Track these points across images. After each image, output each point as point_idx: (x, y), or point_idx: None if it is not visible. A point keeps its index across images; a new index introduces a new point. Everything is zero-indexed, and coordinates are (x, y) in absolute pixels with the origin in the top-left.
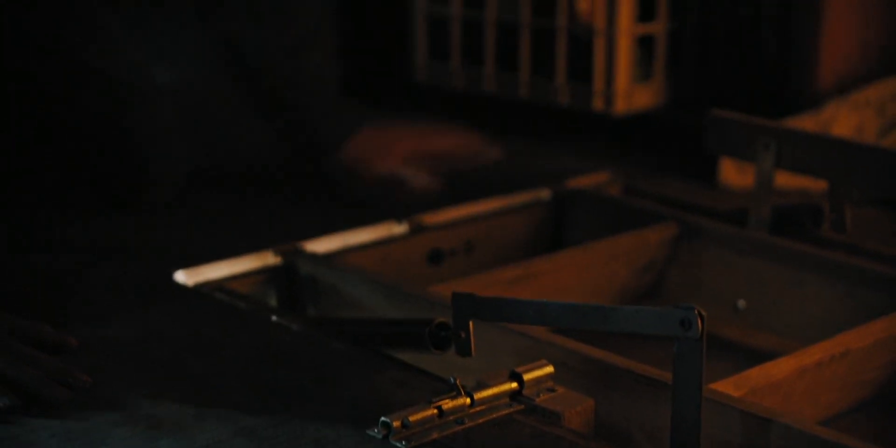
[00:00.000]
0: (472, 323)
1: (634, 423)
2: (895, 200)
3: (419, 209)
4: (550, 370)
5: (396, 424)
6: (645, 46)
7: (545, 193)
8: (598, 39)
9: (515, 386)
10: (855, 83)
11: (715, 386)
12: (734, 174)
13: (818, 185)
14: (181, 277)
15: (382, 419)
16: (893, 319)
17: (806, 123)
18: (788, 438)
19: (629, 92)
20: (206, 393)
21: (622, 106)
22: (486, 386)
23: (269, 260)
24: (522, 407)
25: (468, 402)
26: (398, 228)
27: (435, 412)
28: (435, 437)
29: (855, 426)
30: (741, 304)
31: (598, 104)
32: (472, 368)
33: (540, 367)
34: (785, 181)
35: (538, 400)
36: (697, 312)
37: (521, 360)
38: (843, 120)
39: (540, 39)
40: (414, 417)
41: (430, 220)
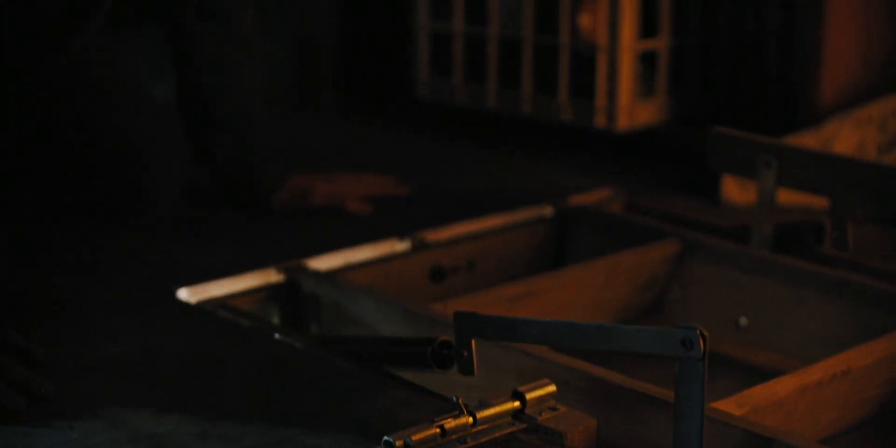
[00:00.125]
0: (474, 342)
1: (637, 442)
2: None
3: (420, 226)
4: (553, 389)
5: (399, 444)
6: (647, 63)
7: (547, 210)
8: (600, 56)
9: (518, 405)
10: (857, 100)
11: (717, 405)
12: (736, 191)
13: (820, 202)
14: (184, 295)
15: (385, 438)
16: (894, 338)
17: (808, 140)
18: None
19: (631, 108)
20: (209, 411)
21: (624, 122)
22: (488, 405)
23: (271, 277)
24: (525, 426)
25: (470, 421)
26: (400, 245)
27: (437, 431)
28: None
29: (856, 444)
30: (743, 321)
31: (600, 120)
32: (474, 387)
33: (542, 386)
34: (787, 198)
35: (540, 419)
36: (699, 332)
37: (523, 378)
38: (844, 136)
39: (542, 56)
40: (416, 437)
41: (431, 237)
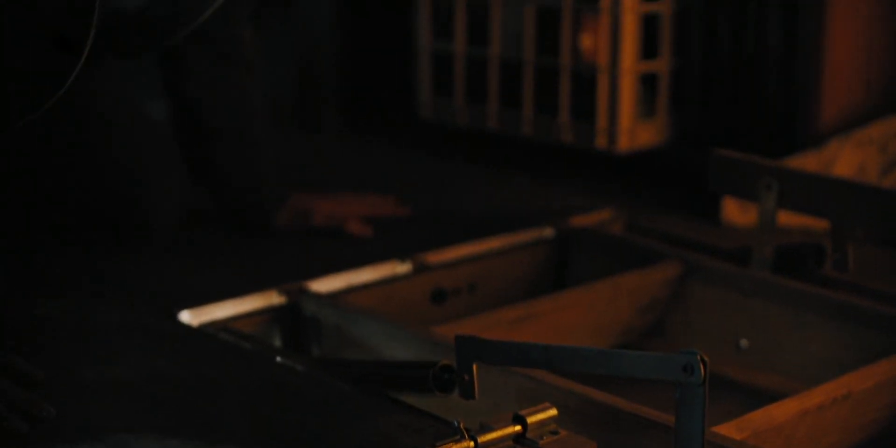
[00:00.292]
0: (475, 366)
1: None
2: None
3: (421, 247)
4: (554, 413)
5: None
6: (648, 84)
7: (548, 231)
8: (601, 77)
9: (519, 429)
10: (858, 121)
11: (717, 429)
12: (737, 212)
13: (821, 223)
14: (186, 317)
15: None
16: (895, 361)
17: (808, 161)
18: None
19: (632, 130)
20: (210, 434)
21: (625, 143)
22: (489, 429)
23: (273, 299)
24: None
25: (472, 445)
26: (401, 267)
27: None
28: None
29: None
30: (743, 343)
31: (601, 142)
32: (475, 410)
33: (543, 410)
34: (787, 219)
35: (542, 442)
36: (699, 358)
37: (524, 401)
38: (845, 158)
39: (543, 77)
40: None
41: (432, 258)
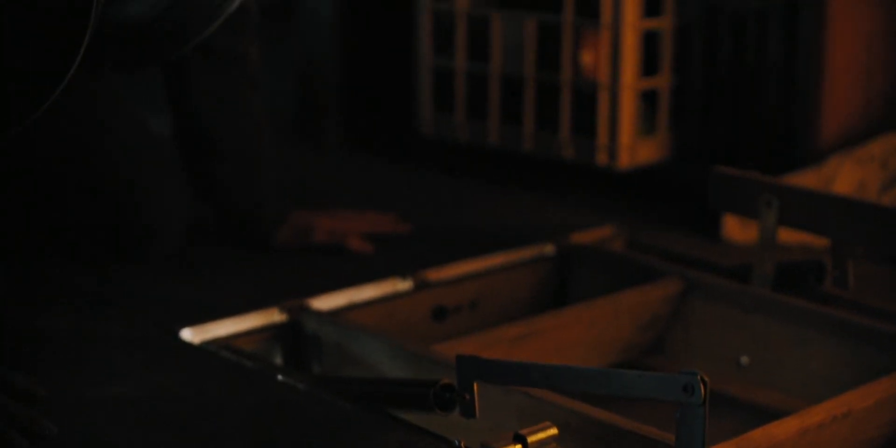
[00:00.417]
0: (476, 385)
1: None
2: None
3: (422, 263)
4: (554, 432)
5: None
6: (649, 101)
7: (549, 248)
8: (602, 94)
9: None
10: (858, 138)
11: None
12: (737, 229)
13: (821, 240)
14: (187, 335)
15: None
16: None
17: (809, 177)
18: None
19: (633, 146)
20: None
21: (626, 160)
22: None
23: (274, 317)
24: None
25: None
26: (402, 285)
27: None
28: None
29: None
30: (744, 360)
31: (601, 158)
32: (476, 429)
33: (544, 429)
34: (787, 236)
35: None
36: (700, 378)
37: (524, 420)
38: (845, 174)
39: (544, 93)
40: None
41: (433, 276)
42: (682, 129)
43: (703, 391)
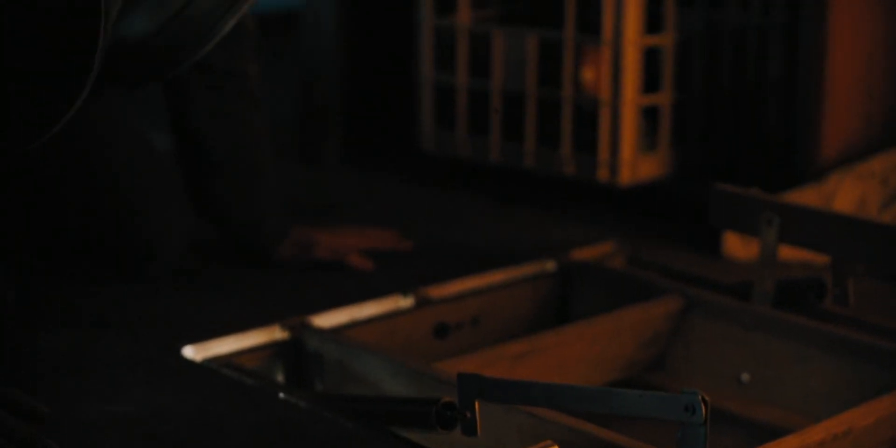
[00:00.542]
0: (477, 403)
1: None
2: None
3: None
4: None
5: None
6: (650, 117)
7: (550, 265)
8: (603, 110)
9: None
10: (859, 154)
11: None
12: (738, 246)
13: (821, 258)
14: (189, 353)
15: None
16: None
17: (809, 194)
18: None
19: (634, 162)
20: None
21: (627, 176)
22: None
23: (276, 335)
24: None
25: None
26: (404, 302)
27: None
28: None
29: None
30: (745, 377)
31: (603, 174)
32: (478, 447)
33: (545, 447)
34: (788, 254)
35: None
36: (701, 398)
37: (526, 439)
38: (846, 191)
39: (545, 109)
40: None
41: (435, 293)
42: (683, 145)
43: (704, 411)
